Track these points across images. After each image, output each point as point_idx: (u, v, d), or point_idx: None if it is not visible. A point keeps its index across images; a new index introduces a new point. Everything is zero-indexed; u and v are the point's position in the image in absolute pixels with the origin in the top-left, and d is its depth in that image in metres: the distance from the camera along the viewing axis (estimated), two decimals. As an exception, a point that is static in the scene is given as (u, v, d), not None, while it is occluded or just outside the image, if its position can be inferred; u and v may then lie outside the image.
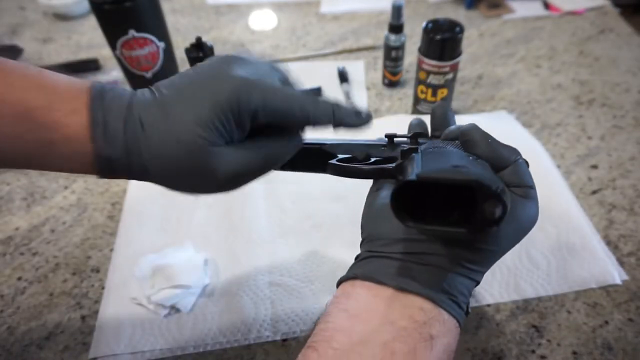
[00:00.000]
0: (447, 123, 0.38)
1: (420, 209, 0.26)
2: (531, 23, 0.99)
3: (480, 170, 0.26)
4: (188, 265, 0.53)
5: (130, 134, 0.29)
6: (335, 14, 1.05)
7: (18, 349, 0.50)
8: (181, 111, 0.29)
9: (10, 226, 0.63)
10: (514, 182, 0.30)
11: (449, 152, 0.30)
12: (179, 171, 0.30)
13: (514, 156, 0.31)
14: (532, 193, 0.30)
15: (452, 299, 0.28)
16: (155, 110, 0.29)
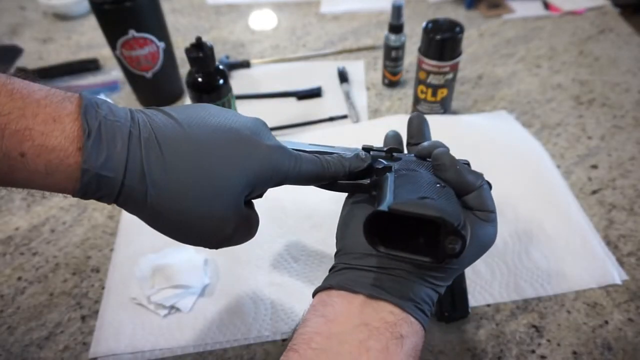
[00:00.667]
0: (422, 134, 0.41)
1: (391, 231, 0.28)
2: (531, 23, 0.99)
3: (445, 204, 0.29)
4: (188, 265, 0.53)
5: (139, 154, 0.26)
6: (335, 14, 1.05)
7: (18, 348, 0.50)
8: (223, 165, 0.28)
9: (11, 226, 0.63)
10: (477, 206, 0.33)
11: (420, 178, 0.32)
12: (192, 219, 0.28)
13: (478, 182, 0.34)
14: (492, 217, 0.33)
15: (417, 306, 0.31)
16: (187, 146, 0.27)
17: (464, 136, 0.70)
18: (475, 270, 0.54)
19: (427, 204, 0.27)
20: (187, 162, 0.27)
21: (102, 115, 0.26)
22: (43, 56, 0.97)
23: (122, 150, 0.26)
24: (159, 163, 0.27)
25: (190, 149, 0.28)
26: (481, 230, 0.32)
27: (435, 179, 0.32)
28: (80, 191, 0.26)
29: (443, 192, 0.30)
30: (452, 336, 0.49)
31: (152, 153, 0.27)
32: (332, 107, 0.79)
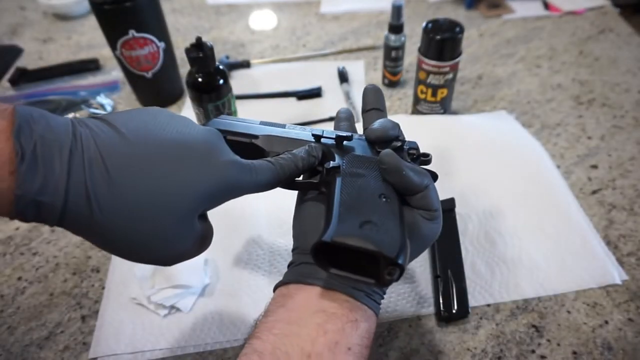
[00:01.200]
0: (377, 102, 0.42)
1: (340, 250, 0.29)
2: (531, 23, 0.99)
3: (386, 231, 0.30)
4: (188, 265, 0.53)
5: (82, 174, 0.24)
6: (335, 14, 1.05)
7: (18, 348, 0.50)
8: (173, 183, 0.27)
9: (11, 226, 0.63)
10: (422, 206, 0.34)
11: (366, 188, 0.33)
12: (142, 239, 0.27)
13: (424, 183, 0.34)
14: (436, 215, 0.35)
15: (368, 296, 0.33)
16: (134, 161, 0.26)
17: (464, 136, 0.70)
18: (475, 270, 0.54)
19: (367, 237, 0.29)
20: (134, 181, 0.26)
21: (38, 134, 0.24)
22: (43, 56, 0.97)
23: (61, 173, 0.24)
24: (104, 183, 0.25)
25: (138, 167, 0.26)
26: (425, 228, 0.34)
27: (380, 188, 0.33)
28: (18, 216, 0.25)
29: (387, 210, 0.32)
30: (452, 336, 0.49)
31: (97, 172, 0.25)
32: (332, 107, 0.79)
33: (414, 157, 0.38)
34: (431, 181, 0.35)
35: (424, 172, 0.35)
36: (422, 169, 0.35)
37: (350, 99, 0.79)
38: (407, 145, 0.39)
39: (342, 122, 0.44)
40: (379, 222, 0.30)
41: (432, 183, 0.35)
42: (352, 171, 0.35)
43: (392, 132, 0.38)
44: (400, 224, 0.31)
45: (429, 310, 0.50)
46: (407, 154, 0.38)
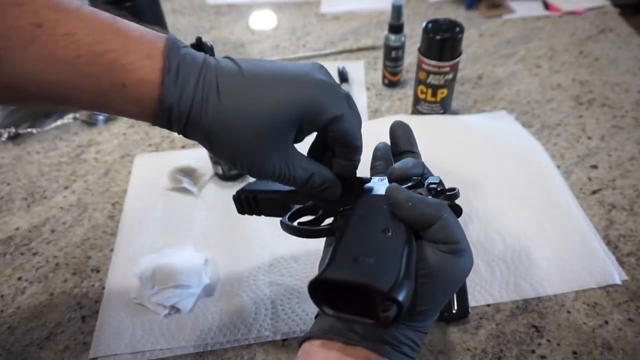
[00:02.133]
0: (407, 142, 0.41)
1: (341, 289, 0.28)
2: (531, 23, 0.99)
3: (382, 264, 0.28)
4: (188, 265, 0.53)
5: (202, 92, 0.30)
6: (335, 14, 1.05)
7: (18, 348, 0.50)
8: (267, 97, 0.31)
9: (11, 226, 0.63)
10: (440, 239, 0.31)
11: (371, 224, 0.32)
12: (237, 146, 0.31)
13: (439, 212, 0.31)
14: (459, 247, 0.31)
15: (395, 349, 0.30)
16: (240, 84, 0.31)
17: (464, 136, 0.70)
18: (475, 270, 0.54)
19: (358, 268, 0.27)
20: (236, 100, 0.31)
21: (180, 57, 0.30)
22: (43, 56, 0.97)
23: (191, 88, 0.30)
24: (214, 100, 0.30)
25: (243, 88, 0.31)
26: (449, 265, 0.31)
27: (386, 223, 0.31)
28: (157, 120, 0.31)
29: (388, 243, 0.29)
30: (452, 336, 0.49)
31: (212, 91, 0.30)
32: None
33: (437, 192, 0.35)
34: (448, 212, 0.32)
35: (439, 203, 0.32)
36: (437, 201, 0.33)
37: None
38: (429, 181, 0.36)
39: (378, 161, 0.42)
40: (377, 256, 0.28)
41: (449, 214, 0.32)
42: (363, 211, 0.33)
43: (414, 171, 0.36)
44: (405, 257, 0.28)
45: (429, 310, 0.50)
46: (427, 189, 0.35)
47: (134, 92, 0.29)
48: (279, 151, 0.33)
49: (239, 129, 0.31)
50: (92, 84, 0.29)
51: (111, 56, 0.28)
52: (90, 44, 0.28)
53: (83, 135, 0.77)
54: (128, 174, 0.69)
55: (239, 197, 0.43)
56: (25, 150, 0.75)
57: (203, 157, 0.67)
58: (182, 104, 0.30)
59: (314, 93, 0.32)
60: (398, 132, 0.41)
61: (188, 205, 0.63)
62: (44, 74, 0.28)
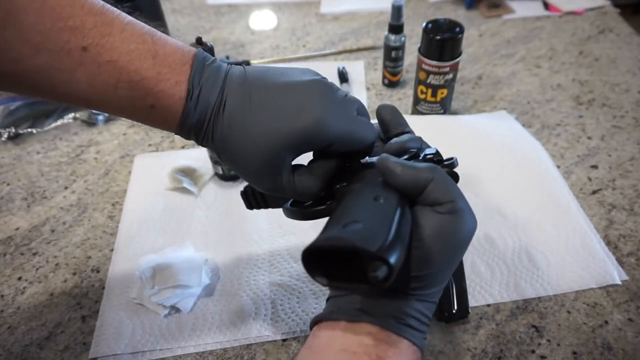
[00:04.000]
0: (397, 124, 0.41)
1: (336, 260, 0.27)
2: (531, 23, 0.99)
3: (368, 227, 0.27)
4: (188, 265, 0.53)
5: (214, 118, 0.34)
6: (335, 14, 1.05)
7: (18, 348, 0.50)
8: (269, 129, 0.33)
9: (11, 226, 0.63)
10: (435, 200, 0.31)
11: (361, 195, 0.32)
12: (240, 166, 0.35)
13: (429, 174, 0.31)
14: (456, 206, 0.30)
15: (400, 322, 0.30)
16: (246, 114, 0.34)
17: (464, 136, 0.71)
18: (475, 270, 0.54)
19: (345, 234, 0.27)
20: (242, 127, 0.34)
21: (204, 79, 0.33)
22: (43, 56, 0.97)
23: (208, 115, 0.34)
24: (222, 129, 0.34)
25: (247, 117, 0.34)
26: (448, 226, 0.30)
27: (377, 191, 0.31)
28: (179, 133, 0.35)
29: (378, 209, 0.29)
30: (452, 336, 0.49)
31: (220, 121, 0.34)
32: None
33: (434, 162, 0.35)
34: (441, 173, 0.31)
35: (430, 165, 0.32)
36: (428, 164, 0.32)
37: (350, 99, 0.79)
38: (425, 152, 0.36)
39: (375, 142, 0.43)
40: (366, 221, 0.28)
41: (440, 175, 0.31)
42: (356, 185, 0.34)
43: (411, 144, 0.36)
44: (397, 221, 0.28)
45: (429, 310, 0.50)
46: (423, 160, 0.35)
47: (161, 112, 0.33)
48: (277, 172, 0.35)
49: (241, 150, 0.34)
50: (126, 104, 0.32)
51: (146, 84, 0.32)
52: (129, 72, 0.31)
53: (83, 135, 0.77)
54: (128, 174, 0.69)
55: (246, 192, 0.44)
56: (25, 150, 0.74)
57: (203, 157, 0.67)
58: (198, 126, 0.34)
59: (314, 116, 0.33)
60: (386, 115, 0.41)
61: (188, 205, 0.63)
62: (86, 93, 0.31)
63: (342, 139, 0.35)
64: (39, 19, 0.28)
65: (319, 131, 0.33)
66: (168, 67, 0.32)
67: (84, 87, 0.31)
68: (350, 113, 0.36)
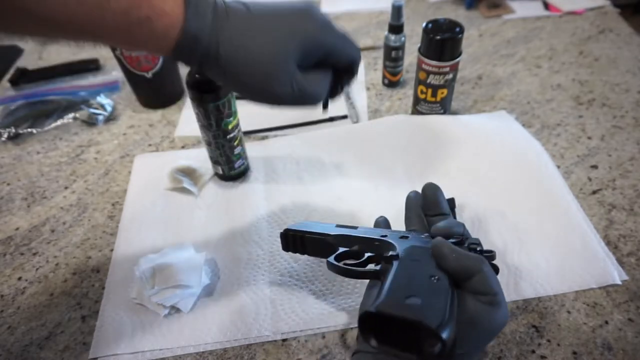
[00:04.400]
0: (438, 204, 0.45)
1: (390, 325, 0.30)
2: (531, 23, 0.99)
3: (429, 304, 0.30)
4: (188, 265, 0.53)
5: (217, 23, 0.34)
6: (335, 14, 1.05)
7: (18, 348, 0.50)
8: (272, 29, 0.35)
9: (11, 226, 0.63)
10: (480, 290, 0.34)
11: (418, 270, 0.35)
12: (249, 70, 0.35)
13: (480, 265, 0.35)
14: (496, 299, 0.34)
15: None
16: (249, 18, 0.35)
17: (464, 136, 0.70)
18: (475, 270, 0.54)
19: (409, 306, 0.29)
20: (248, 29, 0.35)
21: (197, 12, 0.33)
22: (43, 56, 0.97)
23: (210, 21, 0.34)
24: (228, 33, 0.34)
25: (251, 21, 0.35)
26: (485, 316, 0.33)
27: (432, 271, 0.34)
28: (178, 51, 0.34)
29: (435, 288, 0.32)
30: (452, 336, 0.49)
31: (225, 25, 0.34)
32: (332, 107, 0.79)
33: (476, 252, 0.39)
34: (488, 267, 0.35)
35: (480, 257, 0.36)
36: (478, 256, 0.36)
37: (350, 99, 0.79)
38: (469, 241, 0.40)
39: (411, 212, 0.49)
40: (425, 297, 0.31)
41: (488, 269, 0.35)
42: (408, 258, 0.36)
43: (457, 229, 0.39)
44: (449, 301, 0.31)
45: (429, 310, 0.51)
46: (467, 248, 0.39)
47: (159, 24, 0.32)
48: (285, 74, 0.36)
49: (249, 55, 0.34)
50: (120, 20, 0.31)
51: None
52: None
53: (83, 135, 0.77)
54: (128, 174, 0.69)
55: (286, 235, 0.47)
56: (25, 150, 0.75)
57: (203, 157, 0.67)
58: (202, 34, 0.33)
59: (310, 26, 0.36)
60: (431, 195, 0.46)
61: (188, 205, 0.63)
62: (76, 8, 0.31)
63: (338, 48, 0.38)
64: None
65: (322, 35, 0.36)
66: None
67: (74, 3, 0.31)
68: (340, 30, 0.39)
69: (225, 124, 0.60)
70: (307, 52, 0.36)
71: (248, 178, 0.67)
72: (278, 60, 0.35)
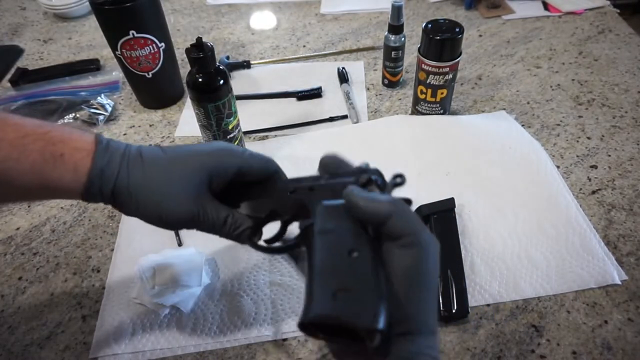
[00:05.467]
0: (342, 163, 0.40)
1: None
2: (531, 23, 0.99)
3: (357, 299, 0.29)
4: (188, 265, 0.53)
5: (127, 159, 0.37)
6: (335, 15, 1.06)
7: (19, 348, 0.50)
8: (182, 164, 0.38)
9: (11, 226, 0.63)
10: (397, 233, 0.31)
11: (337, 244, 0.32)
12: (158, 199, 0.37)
13: (388, 206, 0.31)
14: (417, 239, 0.30)
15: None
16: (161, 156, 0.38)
17: (463, 136, 0.71)
18: (475, 270, 0.54)
19: (339, 307, 0.28)
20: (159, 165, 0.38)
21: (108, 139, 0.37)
22: (44, 56, 0.97)
23: (119, 157, 0.37)
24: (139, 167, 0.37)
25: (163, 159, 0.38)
26: (412, 261, 0.30)
27: (349, 242, 0.32)
28: (88, 187, 0.36)
29: (357, 267, 0.30)
30: (452, 336, 0.49)
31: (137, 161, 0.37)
32: (332, 107, 0.79)
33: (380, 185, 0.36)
34: (401, 204, 0.31)
35: (389, 197, 0.32)
36: (387, 196, 0.32)
37: (350, 100, 0.79)
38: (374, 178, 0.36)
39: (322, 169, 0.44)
40: (353, 287, 0.29)
41: (401, 206, 0.31)
42: (324, 227, 0.34)
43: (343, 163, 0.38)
44: (375, 278, 0.29)
45: (429, 310, 0.51)
46: (375, 185, 0.36)
47: (70, 159, 0.35)
48: (196, 201, 0.38)
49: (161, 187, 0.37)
50: (35, 157, 0.34)
51: (53, 134, 0.35)
52: (35, 127, 0.35)
53: (83, 136, 0.77)
54: (128, 174, 0.69)
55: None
56: (25, 151, 0.74)
57: (203, 157, 0.67)
58: (111, 167, 0.36)
59: (217, 157, 0.39)
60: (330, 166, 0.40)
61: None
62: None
63: (245, 166, 0.40)
64: None
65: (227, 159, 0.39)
66: (70, 128, 0.37)
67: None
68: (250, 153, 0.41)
69: (225, 124, 0.60)
70: (215, 176, 0.39)
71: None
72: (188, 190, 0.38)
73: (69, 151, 0.35)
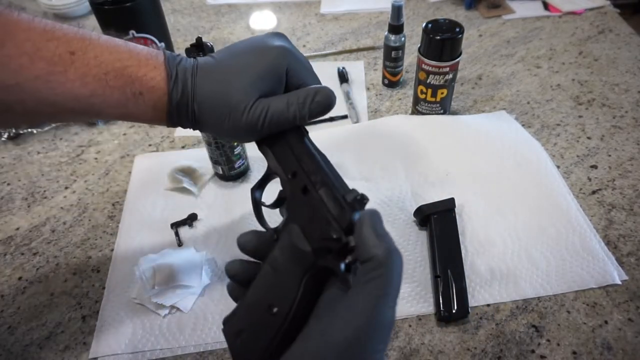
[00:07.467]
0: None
1: None
2: (531, 23, 0.99)
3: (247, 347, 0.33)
4: (188, 265, 0.53)
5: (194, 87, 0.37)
6: (335, 14, 1.06)
7: (19, 348, 0.50)
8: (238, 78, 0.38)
9: (11, 226, 0.63)
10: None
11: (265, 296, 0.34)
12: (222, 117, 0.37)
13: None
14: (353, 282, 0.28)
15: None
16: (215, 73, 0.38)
17: (464, 136, 0.71)
18: (475, 270, 0.54)
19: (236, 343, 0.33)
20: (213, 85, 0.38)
21: (177, 62, 0.38)
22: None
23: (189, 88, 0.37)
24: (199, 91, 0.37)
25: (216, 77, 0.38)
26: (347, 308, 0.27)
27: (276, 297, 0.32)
28: (170, 119, 0.38)
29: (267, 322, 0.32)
30: (452, 336, 0.49)
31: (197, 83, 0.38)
32: (332, 107, 0.79)
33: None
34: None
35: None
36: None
37: (350, 99, 0.79)
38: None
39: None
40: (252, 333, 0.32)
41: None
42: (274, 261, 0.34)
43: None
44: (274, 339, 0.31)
45: (429, 310, 0.51)
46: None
47: (149, 98, 0.37)
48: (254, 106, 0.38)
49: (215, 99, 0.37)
50: (117, 95, 0.36)
51: (129, 71, 0.36)
52: (113, 62, 0.35)
53: (83, 135, 0.77)
54: (128, 174, 0.69)
55: None
56: (25, 150, 0.75)
57: (203, 157, 0.67)
58: (184, 100, 0.37)
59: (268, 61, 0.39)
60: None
61: (188, 206, 0.63)
62: (80, 90, 0.35)
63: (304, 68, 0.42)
64: (29, 33, 0.33)
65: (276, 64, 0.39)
66: (143, 56, 0.37)
67: (78, 85, 0.34)
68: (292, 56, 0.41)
69: (225, 124, 0.60)
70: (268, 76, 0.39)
71: (248, 178, 0.67)
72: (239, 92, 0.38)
73: (146, 89, 0.36)
